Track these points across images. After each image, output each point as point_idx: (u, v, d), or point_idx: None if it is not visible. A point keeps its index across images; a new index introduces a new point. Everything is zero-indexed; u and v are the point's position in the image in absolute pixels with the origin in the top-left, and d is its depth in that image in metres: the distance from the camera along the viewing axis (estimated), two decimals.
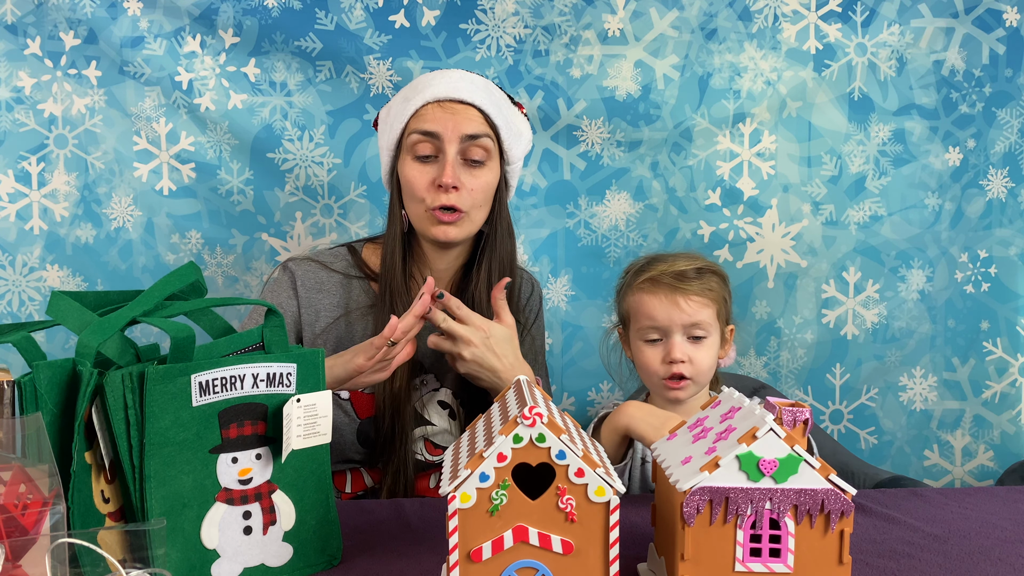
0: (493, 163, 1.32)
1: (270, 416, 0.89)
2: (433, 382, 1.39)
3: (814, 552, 0.77)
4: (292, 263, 1.39)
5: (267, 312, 0.93)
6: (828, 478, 0.76)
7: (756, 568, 0.77)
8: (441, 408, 1.38)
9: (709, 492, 0.76)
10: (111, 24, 1.63)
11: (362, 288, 1.39)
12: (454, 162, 1.28)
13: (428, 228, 1.31)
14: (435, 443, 1.38)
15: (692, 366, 1.27)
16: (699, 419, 0.90)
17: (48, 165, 1.66)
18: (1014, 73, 1.79)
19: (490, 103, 1.31)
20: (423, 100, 1.29)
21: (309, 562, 0.92)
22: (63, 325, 0.83)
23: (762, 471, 0.76)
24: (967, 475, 1.86)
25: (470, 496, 0.74)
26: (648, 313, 1.28)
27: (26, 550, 0.69)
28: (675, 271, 1.28)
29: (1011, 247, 1.82)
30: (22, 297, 1.67)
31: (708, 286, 1.28)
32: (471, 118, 1.29)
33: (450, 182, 1.26)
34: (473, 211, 1.31)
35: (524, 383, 0.88)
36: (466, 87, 1.30)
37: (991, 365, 1.84)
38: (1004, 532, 1.04)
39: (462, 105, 1.29)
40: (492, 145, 1.31)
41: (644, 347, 1.30)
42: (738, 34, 1.74)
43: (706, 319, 1.27)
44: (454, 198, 1.28)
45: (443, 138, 1.28)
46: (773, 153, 1.78)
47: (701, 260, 1.32)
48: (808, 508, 0.76)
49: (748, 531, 0.77)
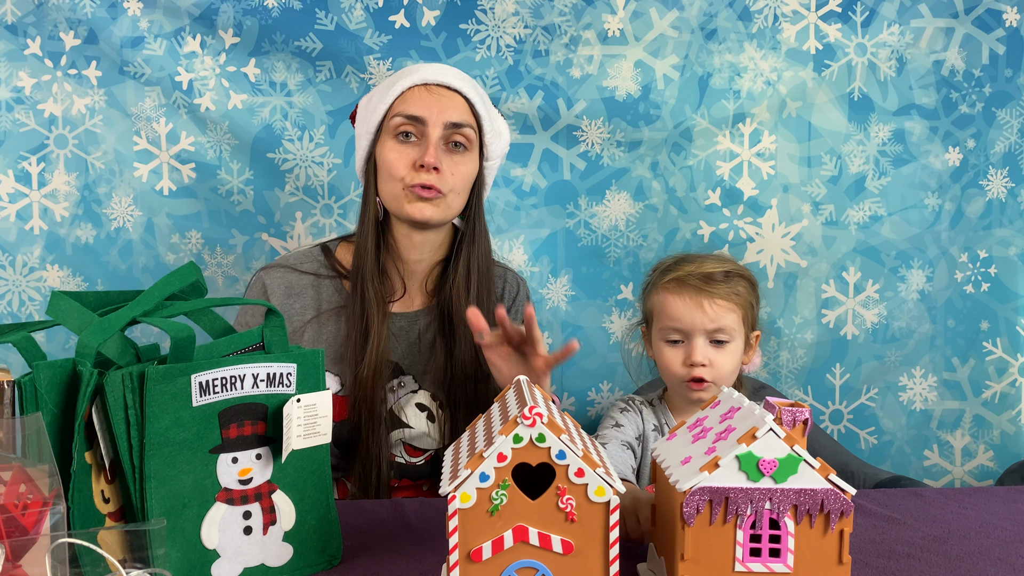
0: (473, 154, 1.33)
1: (270, 416, 0.89)
2: (411, 384, 1.36)
3: (814, 552, 0.77)
4: (263, 272, 1.38)
5: (267, 312, 0.93)
6: (828, 478, 0.76)
7: (756, 568, 0.77)
8: (419, 410, 1.35)
9: (709, 492, 0.76)
10: (111, 24, 1.63)
11: (334, 287, 1.37)
12: (436, 144, 1.28)
13: (404, 206, 1.29)
14: (414, 446, 1.36)
15: (713, 370, 1.25)
16: (698, 419, 0.90)
17: (48, 165, 1.66)
18: (1014, 73, 1.79)
19: (475, 93, 1.33)
20: (410, 82, 1.30)
21: (309, 562, 0.92)
22: (63, 325, 0.83)
23: (762, 471, 0.76)
24: (967, 475, 1.86)
25: (470, 496, 0.74)
26: (671, 314, 1.26)
27: (26, 550, 0.69)
28: (702, 273, 1.26)
29: (1011, 247, 1.82)
30: (22, 297, 1.67)
31: (735, 290, 1.26)
32: (456, 105, 1.30)
33: (432, 162, 1.26)
34: (451, 196, 1.30)
35: (524, 383, 0.88)
36: (452, 74, 1.32)
37: (991, 365, 1.84)
38: (1004, 532, 1.04)
39: (448, 91, 1.30)
40: (474, 136, 1.32)
41: (665, 347, 1.29)
42: (738, 34, 1.74)
43: (730, 324, 1.25)
44: (435, 178, 1.27)
45: (427, 122, 1.28)
46: (773, 153, 1.78)
47: (731, 263, 1.30)
48: (808, 508, 0.76)
49: (748, 531, 0.77)
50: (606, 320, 1.78)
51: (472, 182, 1.34)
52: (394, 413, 1.34)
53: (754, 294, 1.31)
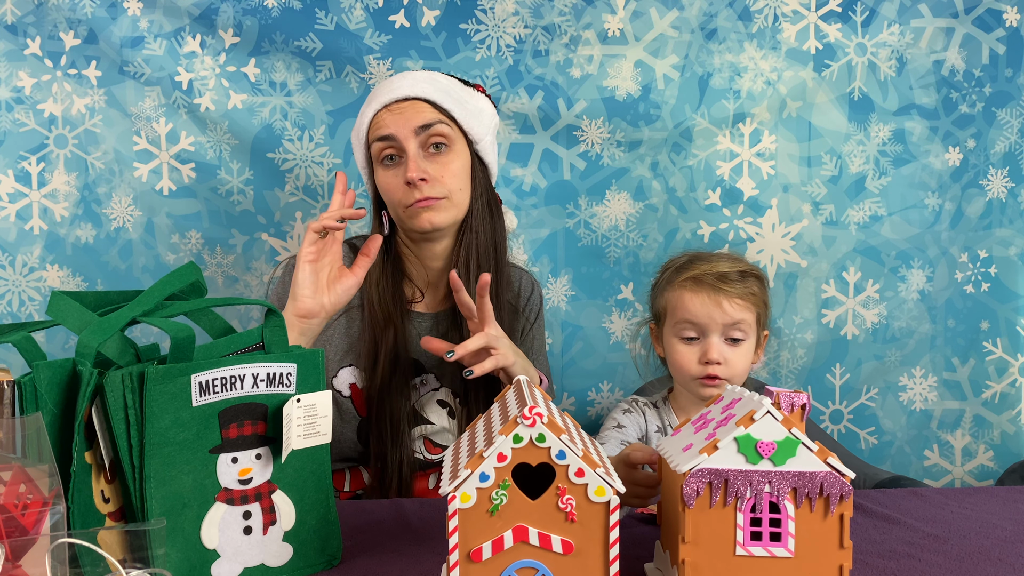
0: (459, 146, 1.33)
1: (270, 416, 0.89)
2: (433, 382, 1.39)
3: (814, 536, 0.77)
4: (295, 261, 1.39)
5: (267, 312, 0.93)
6: (826, 461, 0.76)
7: (757, 552, 0.77)
8: (440, 407, 1.38)
9: (708, 474, 0.76)
10: (111, 24, 1.63)
11: None
12: (416, 156, 1.29)
13: (412, 222, 1.32)
14: (434, 442, 1.38)
15: (727, 368, 1.25)
16: (703, 415, 0.90)
17: (48, 165, 1.66)
18: (1014, 73, 1.79)
19: (435, 91, 1.32)
20: (372, 111, 1.33)
21: (309, 562, 0.92)
22: (63, 325, 0.83)
23: (760, 453, 0.76)
24: (967, 475, 1.86)
25: (470, 496, 0.74)
26: (689, 311, 1.26)
27: (26, 550, 0.69)
28: (718, 272, 1.26)
29: (1011, 247, 1.82)
30: (22, 297, 1.67)
31: (751, 290, 1.27)
32: (419, 110, 1.30)
33: (415, 176, 1.27)
34: (453, 195, 1.32)
35: (524, 383, 0.88)
36: (407, 84, 1.32)
37: (991, 365, 1.84)
38: (1004, 532, 1.04)
39: (407, 102, 1.31)
40: (450, 130, 1.32)
41: (679, 345, 1.28)
42: (738, 34, 1.74)
43: (747, 320, 1.26)
44: (426, 190, 1.29)
45: (399, 137, 1.30)
46: (773, 153, 1.78)
47: (743, 263, 1.31)
48: (807, 491, 0.76)
49: (748, 515, 0.77)
50: (606, 320, 1.78)
51: (468, 172, 1.35)
52: (416, 410, 1.37)
53: (767, 293, 1.32)
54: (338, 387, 1.35)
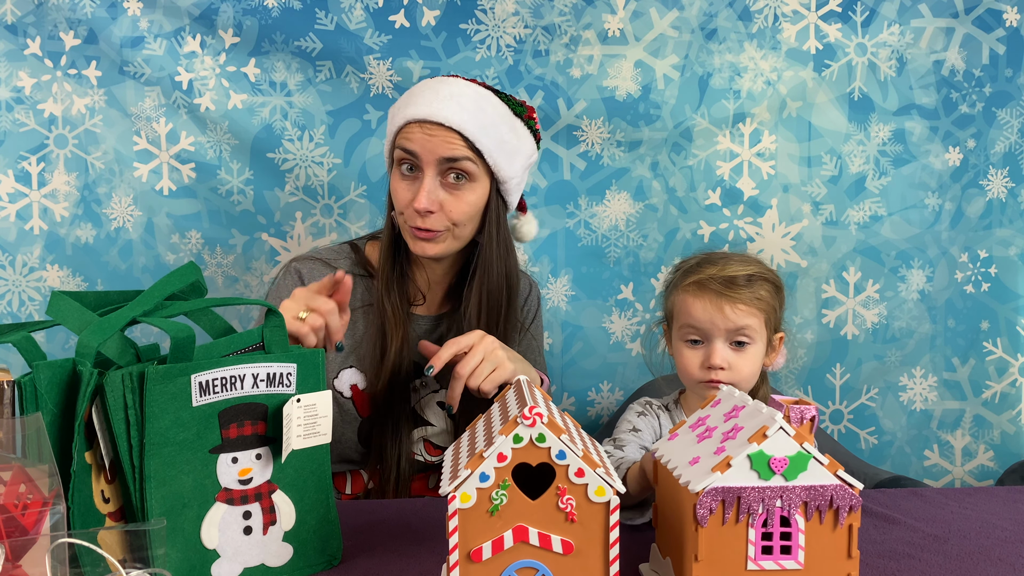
0: (480, 182, 1.29)
1: (270, 416, 0.89)
2: (433, 383, 1.39)
3: (824, 547, 0.77)
4: (297, 262, 1.38)
5: (267, 312, 0.93)
6: (836, 474, 0.76)
7: (768, 566, 0.77)
8: (440, 409, 1.38)
9: (722, 492, 0.76)
10: (111, 24, 1.63)
11: (364, 286, 1.39)
12: (430, 186, 1.25)
13: (409, 242, 1.31)
14: (434, 444, 1.38)
15: (731, 373, 1.22)
16: (700, 418, 0.90)
17: (48, 165, 1.66)
18: (1014, 73, 1.78)
19: (475, 125, 1.25)
20: (404, 119, 1.27)
21: (309, 562, 0.92)
22: (63, 325, 0.83)
23: (773, 469, 0.76)
24: (967, 475, 1.86)
25: (470, 496, 0.74)
26: (692, 316, 1.23)
27: (26, 550, 0.69)
28: (725, 276, 1.22)
29: (1011, 247, 1.82)
30: (22, 297, 1.67)
31: (757, 295, 1.22)
32: (450, 141, 1.24)
33: (423, 207, 1.24)
34: (456, 228, 1.29)
35: (524, 383, 0.88)
36: (451, 108, 1.24)
37: (991, 365, 1.84)
38: (1004, 532, 1.04)
39: (441, 128, 1.24)
40: (475, 167, 1.27)
41: (684, 348, 1.27)
42: (738, 34, 1.74)
43: (751, 326, 1.22)
44: (429, 222, 1.26)
45: (421, 158, 1.26)
46: (773, 153, 1.78)
47: (755, 265, 1.26)
48: (818, 504, 0.77)
49: (759, 529, 0.77)
50: (606, 320, 1.78)
51: (481, 207, 1.31)
52: (416, 412, 1.37)
53: (778, 297, 1.27)
54: (339, 388, 1.35)
